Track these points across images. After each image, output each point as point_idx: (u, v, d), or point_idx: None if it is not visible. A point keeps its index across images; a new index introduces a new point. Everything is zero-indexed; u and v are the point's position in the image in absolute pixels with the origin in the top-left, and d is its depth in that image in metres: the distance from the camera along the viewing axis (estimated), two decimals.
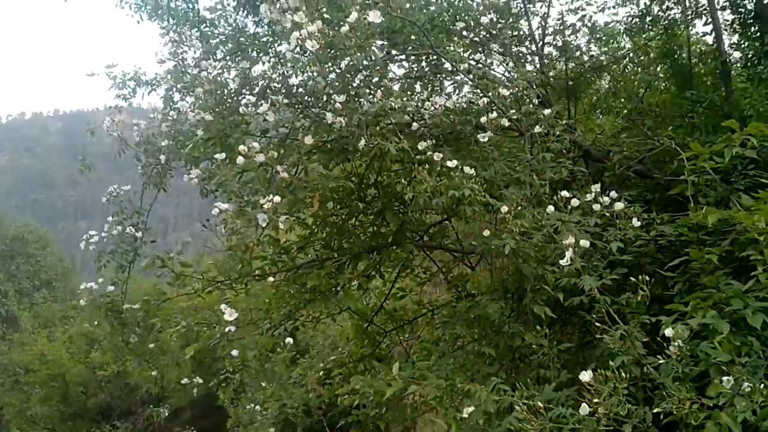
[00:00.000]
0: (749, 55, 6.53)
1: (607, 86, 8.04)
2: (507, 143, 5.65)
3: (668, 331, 3.71)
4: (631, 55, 8.07)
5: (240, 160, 4.62)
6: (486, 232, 4.84)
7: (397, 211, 6.06)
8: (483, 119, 4.97)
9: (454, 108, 5.27)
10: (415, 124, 5.08)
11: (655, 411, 3.41)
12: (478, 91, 5.50)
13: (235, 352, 4.69)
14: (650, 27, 7.78)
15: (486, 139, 4.85)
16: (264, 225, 4.36)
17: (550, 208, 4.47)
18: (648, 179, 5.96)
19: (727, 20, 6.87)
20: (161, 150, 5.87)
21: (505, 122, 4.98)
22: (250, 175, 4.72)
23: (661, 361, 3.63)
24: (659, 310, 4.20)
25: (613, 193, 4.58)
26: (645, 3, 7.89)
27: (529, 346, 4.77)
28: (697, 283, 4.41)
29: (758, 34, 6.37)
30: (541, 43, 7.19)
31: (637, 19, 7.88)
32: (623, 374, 3.40)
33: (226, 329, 4.54)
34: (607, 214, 4.50)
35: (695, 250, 4.38)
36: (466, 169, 4.40)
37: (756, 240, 4.06)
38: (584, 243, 3.93)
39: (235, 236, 4.82)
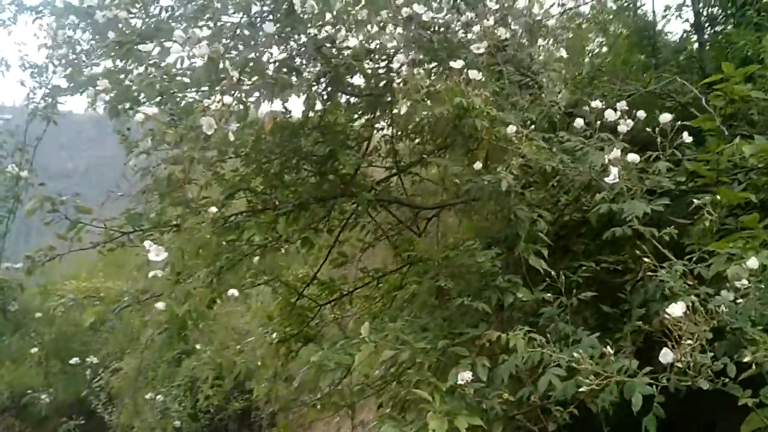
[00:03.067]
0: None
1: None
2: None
3: (730, 272, 3.02)
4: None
5: (173, 54, 3.52)
6: (477, 165, 4.00)
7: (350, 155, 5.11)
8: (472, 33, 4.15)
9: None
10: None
11: (744, 360, 2.67)
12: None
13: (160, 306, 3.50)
14: None
15: (481, 51, 4.00)
16: (210, 132, 3.27)
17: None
18: None
19: None
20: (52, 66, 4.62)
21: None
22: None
23: (739, 301, 2.89)
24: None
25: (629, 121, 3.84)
26: None
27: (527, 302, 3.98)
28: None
29: None
30: None
31: None
32: (705, 315, 2.64)
33: (150, 274, 3.37)
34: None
35: (724, 189, 3.74)
36: (472, 73, 3.53)
37: None
38: (633, 157, 3.17)
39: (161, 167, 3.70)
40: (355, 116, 5.23)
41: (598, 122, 3.56)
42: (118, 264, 11.18)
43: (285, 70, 4.54)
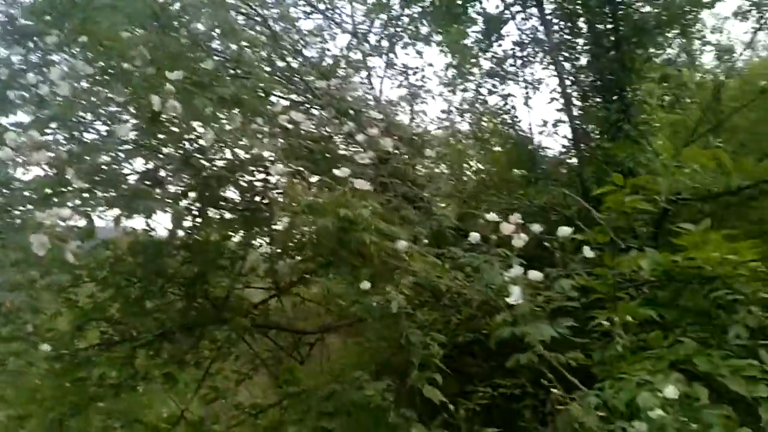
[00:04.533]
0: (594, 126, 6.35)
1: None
2: None
3: (641, 400, 2.72)
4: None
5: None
6: (365, 285, 3.60)
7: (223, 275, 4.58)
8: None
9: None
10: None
11: None
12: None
13: None
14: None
15: (366, 161, 3.70)
16: (41, 253, 2.68)
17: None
18: None
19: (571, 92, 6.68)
20: None
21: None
22: None
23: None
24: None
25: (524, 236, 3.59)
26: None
27: None
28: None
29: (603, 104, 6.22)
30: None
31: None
32: None
33: None
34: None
35: (625, 306, 3.52)
36: (359, 183, 3.19)
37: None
38: (536, 275, 2.87)
39: None
40: (229, 233, 4.73)
41: (493, 236, 3.28)
42: None
43: (147, 182, 4.05)
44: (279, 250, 5.36)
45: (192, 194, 4.44)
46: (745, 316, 2.86)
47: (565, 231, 3.10)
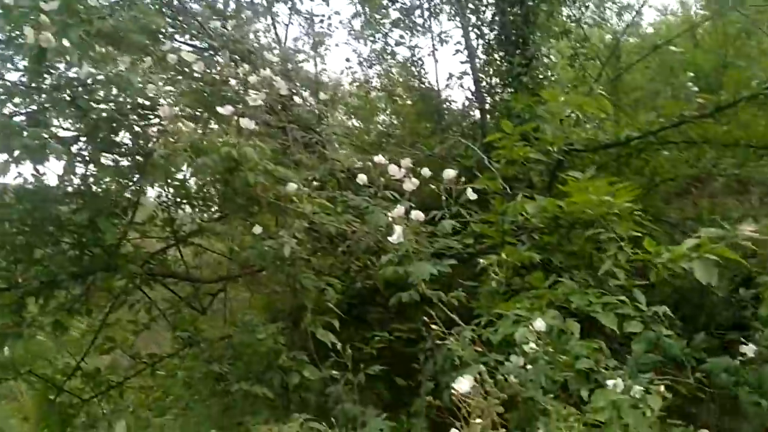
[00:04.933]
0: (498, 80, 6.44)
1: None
2: None
3: (518, 335, 2.84)
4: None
5: None
6: (257, 229, 3.58)
7: (116, 223, 4.44)
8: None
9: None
10: None
11: None
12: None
13: None
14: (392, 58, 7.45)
15: (258, 102, 3.62)
16: None
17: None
18: None
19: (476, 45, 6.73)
20: None
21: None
22: None
23: (528, 367, 2.66)
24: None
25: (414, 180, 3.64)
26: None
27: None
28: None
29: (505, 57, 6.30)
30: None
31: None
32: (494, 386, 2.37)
33: None
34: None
35: (509, 249, 3.64)
36: (244, 122, 3.13)
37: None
38: (417, 214, 2.92)
39: None
40: (122, 180, 4.56)
41: (382, 179, 3.31)
42: None
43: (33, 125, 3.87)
44: (178, 199, 5.26)
45: (83, 139, 4.29)
46: (617, 252, 3.00)
47: (449, 173, 3.16)
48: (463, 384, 2.17)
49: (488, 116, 6.32)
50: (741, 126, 4.92)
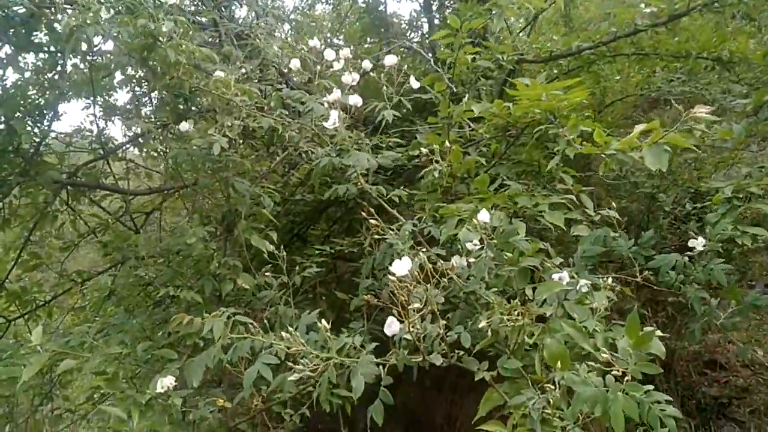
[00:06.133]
0: None
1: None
2: None
3: (462, 234, 2.69)
4: None
5: None
6: (184, 126, 3.31)
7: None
8: None
9: None
10: None
11: (479, 327, 2.28)
12: None
13: None
14: None
15: None
16: None
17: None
18: None
19: None
20: None
21: None
22: None
23: (470, 260, 2.51)
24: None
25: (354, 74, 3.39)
26: None
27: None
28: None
29: None
30: None
31: None
32: (435, 275, 2.22)
33: None
34: None
35: (456, 153, 3.46)
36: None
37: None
38: (356, 99, 2.69)
39: None
40: (38, 76, 4.20)
41: (318, 67, 3.06)
42: None
43: None
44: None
45: None
46: (565, 147, 2.85)
47: (390, 59, 2.92)
48: (400, 266, 2.00)
49: (436, 29, 6.06)
50: (692, 37, 4.80)
